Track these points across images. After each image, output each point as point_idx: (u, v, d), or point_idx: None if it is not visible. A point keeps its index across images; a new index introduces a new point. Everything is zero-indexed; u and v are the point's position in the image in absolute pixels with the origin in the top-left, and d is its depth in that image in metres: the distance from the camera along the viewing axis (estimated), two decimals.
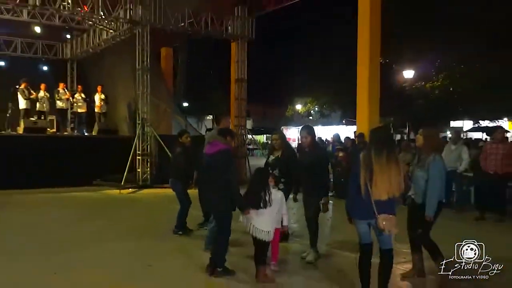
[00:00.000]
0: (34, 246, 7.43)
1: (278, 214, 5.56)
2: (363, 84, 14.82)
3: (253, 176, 5.75)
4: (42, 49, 20.58)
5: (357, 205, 4.57)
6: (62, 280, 5.68)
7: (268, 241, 5.39)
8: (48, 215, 10.18)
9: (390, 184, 4.38)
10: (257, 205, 5.31)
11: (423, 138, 5.66)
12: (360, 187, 4.45)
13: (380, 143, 4.56)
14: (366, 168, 4.45)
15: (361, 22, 14.75)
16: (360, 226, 4.65)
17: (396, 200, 4.51)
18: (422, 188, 5.37)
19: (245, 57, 17.99)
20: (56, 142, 15.87)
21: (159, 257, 6.69)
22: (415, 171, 5.56)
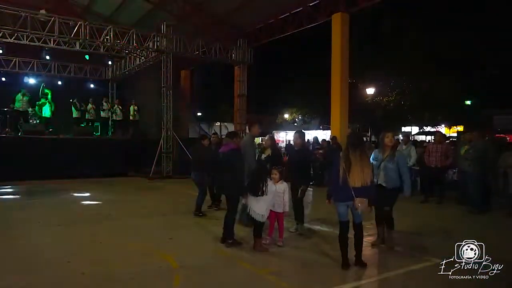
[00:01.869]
0: (83, 219, 7.47)
1: (272, 201, 5.52)
2: (335, 98, 14.87)
3: (254, 171, 5.74)
4: (90, 72, 20.55)
5: (339, 191, 4.64)
6: (106, 247, 5.69)
7: (262, 221, 5.38)
8: (94, 198, 10.17)
9: (362, 174, 4.53)
10: (256, 193, 5.32)
11: (388, 139, 5.55)
12: (339, 177, 4.57)
13: (355, 145, 4.67)
14: (345, 163, 4.58)
15: (334, 52, 14.79)
16: (340, 208, 4.72)
17: (368, 187, 4.55)
18: (393, 177, 5.40)
19: (245, 78, 18.04)
20: (100, 143, 15.85)
21: (179, 231, 6.68)
22: (385, 164, 5.44)
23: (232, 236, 5.72)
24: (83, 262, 4.96)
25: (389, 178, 5.43)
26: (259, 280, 4.44)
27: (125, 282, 4.28)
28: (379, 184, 5.49)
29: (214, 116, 37.00)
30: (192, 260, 5.08)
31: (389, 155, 5.48)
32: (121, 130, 17.97)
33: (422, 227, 6.66)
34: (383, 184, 5.48)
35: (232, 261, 5.06)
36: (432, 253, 5.39)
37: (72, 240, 6.03)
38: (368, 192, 4.57)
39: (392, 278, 4.60)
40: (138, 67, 17.79)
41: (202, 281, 4.36)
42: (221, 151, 6.20)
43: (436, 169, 9.50)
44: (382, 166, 5.49)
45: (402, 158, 5.53)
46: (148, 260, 5.06)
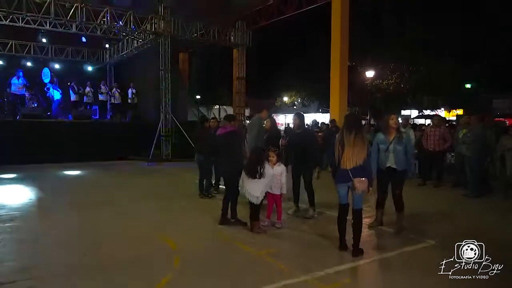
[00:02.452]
0: (83, 202, 7.53)
1: (268, 184, 5.53)
2: (335, 81, 14.80)
3: (251, 153, 5.77)
4: (87, 55, 20.37)
5: (338, 173, 4.62)
6: (105, 229, 5.77)
7: (257, 203, 5.42)
8: (92, 182, 10.23)
9: (354, 157, 4.48)
10: (253, 176, 5.35)
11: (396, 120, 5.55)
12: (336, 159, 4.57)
13: (350, 125, 4.61)
14: (339, 144, 4.56)
15: (334, 34, 14.64)
16: (340, 189, 4.70)
17: (364, 168, 4.52)
18: (402, 158, 5.40)
19: (244, 61, 17.90)
20: (98, 126, 15.81)
21: (178, 214, 6.76)
22: (394, 147, 5.41)
23: (235, 215, 5.81)
24: (84, 244, 5.04)
25: (399, 160, 5.42)
26: (258, 261, 4.52)
27: (125, 264, 4.35)
28: (389, 166, 5.47)
29: (213, 99, 36.88)
30: (192, 242, 5.16)
31: (397, 137, 5.45)
32: (119, 113, 17.92)
33: (419, 210, 6.73)
34: (393, 167, 5.44)
35: (232, 243, 5.14)
36: (427, 235, 5.48)
37: (72, 223, 6.10)
38: (364, 172, 4.53)
39: (388, 259, 4.68)
40: (136, 49, 17.63)
41: (201, 263, 4.44)
42: (219, 134, 6.18)
43: (434, 152, 9.54)
44: (392, 149, 5.43)
45: (409, 139, 5.56)
46: (148, 242, 5.14)
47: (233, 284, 3.81)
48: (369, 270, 4.47)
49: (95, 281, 3.90)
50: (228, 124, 6.17)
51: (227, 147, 5.89)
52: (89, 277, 3.99)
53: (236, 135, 6.16)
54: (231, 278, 4.00)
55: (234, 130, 6.08)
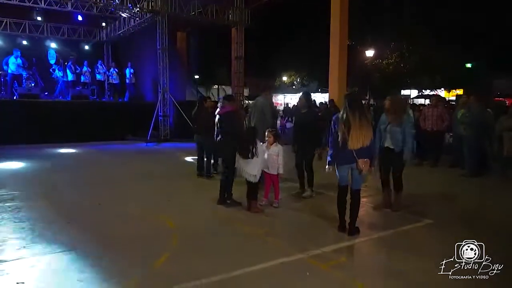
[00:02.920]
0: (81, 182, 7.56)
1: (264, 162, 5.56)
2: (334, 61, 14.68)
3: (244, 133, 5.76)
4: (83, 33, 20.07)
5: (340, 155, 4.56)
6: (104, 209, 5.81)
7: (255, 182, 5.45)
8: (91, 162, 10.25)
9: (362, 137, 4.43)
10: (246, 156, 5.37)
11: (393, 103, 5.61)
12: (340, 141, 4.49)
13: (352, 106, 4.53)
14: (344, 125, 4.47)
15: (333, 13, 14.43)
16: (341, 171, 4.66)
17: (369, 147, 4.53)
18: (399, 139, 5.42)
19: (243, 40, 17.63)
20: (97, 106, 15.74)
21: (176, 193, 6.79)
22: (390, 127, 5.48)
23: (231, 196, 5.85)
24: (83, 223, 5.08)
25: (395, 141, 5.44)
26: (256, 240, 4.57)
27: (123, 243, 4.40)
28: (387, 147, 5.52)
29: (212, 79, 36.59)
30: (190, 221, 5.21)
31: (394, 118, 5.47)
32: (117, 93, 17.80)
33: (416, 189, 6.77)
34: (390, 147, 5.49)
35: (230, 222, 5.18)
36: (424, 214, 5.53)
37: (70, 203, 6.14)
38: (369, 153, 4.53)
39: (384, 237, 4.74)
40: (133, 28, 17.37)
41: (199, 242, 4.48)
42: (218, 114, 6.17)
43: (432, 132, 9.53)
44: (388, 129, 5.50)
45: (408, 121, 5.54)
46: (146, 221, 5.18)
47: (230, 262, 3.86)
48: (365, 248, 4.53)
49: (94, 260, 3.94)
50: (227, 104, 6.13)
51: (226, 127, 5.87)
52: (88, 256, 4.03)
53: (235, 115, 6.13)
54: (228, 256, 4.05)
55: (233, 110, 6.05)
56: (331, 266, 3.84)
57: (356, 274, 3.69)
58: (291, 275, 3.65)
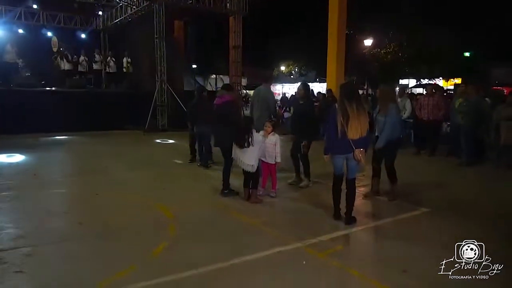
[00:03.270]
0: (79, 172, 7.56)
1: (260, 151, 5.53)
2: (332, 50, 14.58)
3: (240, 123, 5.73)
4: (80, 22, 19.84)
5: (336, 144, 4.57)
6: (102, 198, 5.80)
7: (252, 171, 5.43)
8: (89, 151, 10.22)
9: (360, 127, 4.46)
10: (242, 145, 5.35)
11: (381, 92, 5.68)
12: (337, 131, 4.48)
13: (349, 96, 4.54)
14: (342, 116, 4.46)
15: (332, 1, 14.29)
16: (337, 160, 4.68)
17: (366, 138, 4.56)
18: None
19: (240, 29, 17.47)
20: (94, 95, 15.62)
21: (174, 183, 6.80)
22: (378, 117, 5.55)
23: (227, 186, 5.84)
24: (80, 213, 5.08)
25: (381, 130, 5.48)
26: (253, 229, 4.59)
27: (121, 232, 4.40)
28: (376, 135, 5.56)
29: (209, 69, 36.36)
30: (188, 211, 5.21)
31: (381, 108, 5.52)
32: (114, 82, 17.69)
33: (412, 178, 6.79)
34: (378, 135, 5.53)
35: (227, 212, 5.19)
36: (421, 203, 5.56)
37: (68, 192, 6.14)
38: (365, 143, 4.58)
39: (381, 226, 4.76)
40: (130, 17, 17.19)
41: (197, 231, 4.49)
42: (216, 103, 6.11)
43: (428, 121, 9.53)
44: (377, 119, 5.56)
45: (392, 111, 5.45)
46: (144, 211, 5.19)
47: (227, 251, 3.88)
48: (362, 237, 4.54)
49: (92, 248, 3.95)
50: (225, 94, 6.08)
51: (224, 117, 5.84)
52: (85, 245, 4.04)
53: (233, 105, 6.12)
54: (225, 245, 4.06)
55: (231, 100, 6.02)
56: (328, 255, 3.85)
57: (352, 263, 3.71)
58: (288, 263, 3.67)
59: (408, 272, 3.50)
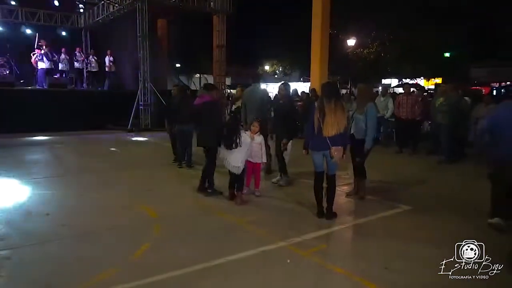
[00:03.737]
0: (61, 172, 7.43)
1: (247, 153, 5.50)
2: (316, 50, 14.68)
3: (227, 123, 5.72)
4: (60, 19, 19.45)
5: (315, 141, 4.69)
6: (85, 199, 5.72)
7: (238, 173, 5.40)
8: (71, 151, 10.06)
9: (337, 124, 4.55)
10: (229, 146, 5.32)
11: (359, 91, 5.75)
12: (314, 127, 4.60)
13: (329, 94, 4.65)
14: (319, 112, 4.58)
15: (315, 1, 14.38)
16: (316, 157, 4.78)
17: (343, 136, 4.64)
18: (362, 127, 5.45)
19: (224, 28, 17.46)
20: (75, 95, 15.39)
21: (158, 183, 6.74)
22: (355, 115, 5.57)
23: (212, 186, 5.84)
24: (62, 214, 4.99)
25: (357, 128, 5.50)
26: (237, 228, 4.59)
27: (104, 233, 4.35)
28: (352, 133, 5.58)
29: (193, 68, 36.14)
30: (171, 211, 5.18)
31: (359, 106, 5.56)
32: (96, 81, 17.43)
33: (394, 176, 6.90)
34: (354, 134, 5.56)
35: (211, 211, 5.18)
36: (402, 200, 5.66)
37: (49, 194, 6.02)
38: (342, 141, 4.65)
39: (363, 224, 4.83)
40: (112, 15, 16.96)
41: (181, 230, 4.47)
42: (196, 103, 6.07)
43: (407, 120, 9.69)
44: (353, 117, 5.58)
45: (372, 110, 5.44)
46: (128, 211, 5.13)
47: (212, 251, 3.87)
48: (345, 235, 4.60)
49: (73, 250, 3.90)
50: (205, 94, 6.04)
51: (204, 117, 5.81)
52: (67, 247, 3.98)
53: (214, 105, 6.05)
54: (209, 245, 4.06)
55: (211, 100, 5.95)
56: (312, 253, 3.89)
57: (335, 260, 3.75)
58: (273, 262, 3.69)
59: (389, 268, 3.56)
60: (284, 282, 3.34)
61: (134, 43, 15.04)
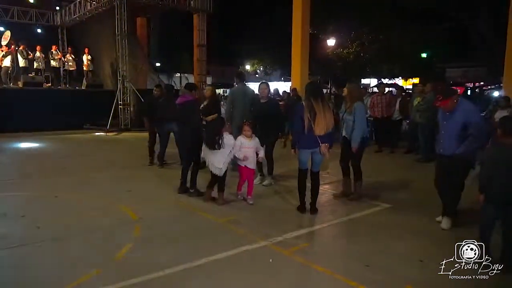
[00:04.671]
0: (38, 173, 7.26)
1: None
2: (296, 50, 14.75)
3: (211, 124, 5.69)
4: (36, 16, 18.92)
5: (304, 140, 4.79)
6: (62, 200, 5.60)
7: (220, 175, 5.33)
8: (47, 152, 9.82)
9: (326, 123, 4.70)
10: (212, 147, 5.26)
11: (348, 91, 5.71)
12: (304, 126, 4.69)
13: (315, 94, 4.79)
14: (309, 112, 4.69)
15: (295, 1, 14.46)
16: (303, 155, 4.90)
17: (330, 134, 4.79)
18: (351, 128, 5.45)
19: (205, 27, 17.40)
20: (52, 94, 15.02)
21: (137, 183, 6.65)
22: (345, 116, 5.56)
23: (194, 186, 5.80)
24: (38, 216, 4.87)
25: (348, 130, 5.52)
26: (218, 229, 4.57)
27: (82, 235, 4.27)
28: (344, 136, 5.61)
29: (174, 67, 35.84)
30: (152, 212, 5.12)
31: (349, 107, 5.57)
32: (74, 80, 17.06)
33: (374, 175, 6.99)
34: (346, 136, 5.57)
35: (192, 211, 5.15)
36: (382, 199, 5.75)
37: (25, 195, 5.87)
38: (330, 138, 4.82)
39: (344, 223, 4.88)
40: (90, 12, 16.64)
41: (162, 231, 4.42)
42: (178, 103, 6.02)
43: (383, 119, 9.87)
44: (343, 118, 5.62)
45: (359, 110, 5.44)
46: (107, 213, 5.04)
47: (194, 251, 3.85)
48: (327, 233, 4.64)
49: (51, 254, 3.80)
50: (187, 94, 6.04)
51: (185, 117, 5.78)
52: (44, 250, 3.88)
53: (195, 105, 6.08)
54: (191, 245, 4.03)
55: (192, 99, 5.96)
56: (294, 252, 3.91)
57: (317, 259, 3.78)
58: (255, 262, 3.70)
59: (371, 266, 3.61)
60: (266, 282, 3.35)
61: (113, 42, 14.80)
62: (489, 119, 8.38)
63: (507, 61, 10.38)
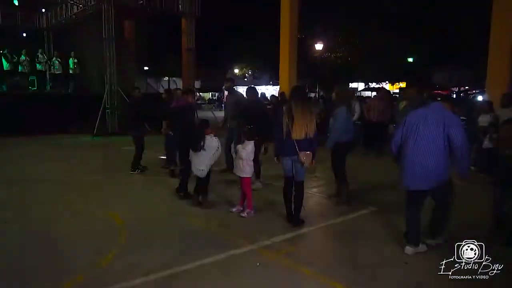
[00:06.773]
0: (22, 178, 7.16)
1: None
2: (284, 54, 14.86)
3: (195, 126, 5.69)
4: (21, 19, 18.66)
5: (283, 146, 4.59)
6: (47, 206, 5.52)
7: (201, 176, 5.31)
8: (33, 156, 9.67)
9: (305, 128, 4.48)
10: (195, 148, 5.25)
11: (335, 95, 5.72)
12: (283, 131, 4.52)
13: (297, 98, 4.62)
14: (288, 116, 4.51)
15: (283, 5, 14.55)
16: (285, 162, 4.69)
17: (312, 140, 4.54)
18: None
19: (193, 31, 17.38)
20: (37, 98, 14.83)
21: (124, 188, 6.60)
22: (331, 120, 5.55)
23: (184, 189, 5.78)
24: (21, 222, 4.79)
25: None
26: (205, 233, 4.55)
27: (67, 241, 4.21)
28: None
29: (162, 71, 35.67)
30: (138, 216, 5.08)
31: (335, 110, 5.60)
32: (60, 84, 16.86)
33: (360, 178, 7.03)
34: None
35: (179, 216, 5.12)
36: (369, 202, 5.79)
37: (10, 200, 5.77)
38: (311, 145, 4.55)
39: (331, 226, 4.90)
40: (76, 16, 16.49)
41: (148, 236, 4.38)
42: (173, 107, 6.17)
43: (376, 123, 9.95)
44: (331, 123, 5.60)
45: (341, 113, 5.45)
46: (93, 218, 4.99)
47: (181, 256, 3.82)
48: (314, 237, 4.65)
49: (36, 259, 3.74)
50: (182, 98, 6.16)
51: (180, 121, 5.84)
52: (30, 255, 3.81)
53: (188, 108, 6.11)
54: (178, 250, 4.00)
55: (186, 104, 6.04)
56: (281, 256, 3.91)
57: (305, 262, 3.78)
58: (242, 266, 3.68)
59: (357, 268, 3.63)
60: (254, 286, 3.34)
61: (100, 45, 14.67)
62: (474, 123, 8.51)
63: (490, 66, 10.59)
